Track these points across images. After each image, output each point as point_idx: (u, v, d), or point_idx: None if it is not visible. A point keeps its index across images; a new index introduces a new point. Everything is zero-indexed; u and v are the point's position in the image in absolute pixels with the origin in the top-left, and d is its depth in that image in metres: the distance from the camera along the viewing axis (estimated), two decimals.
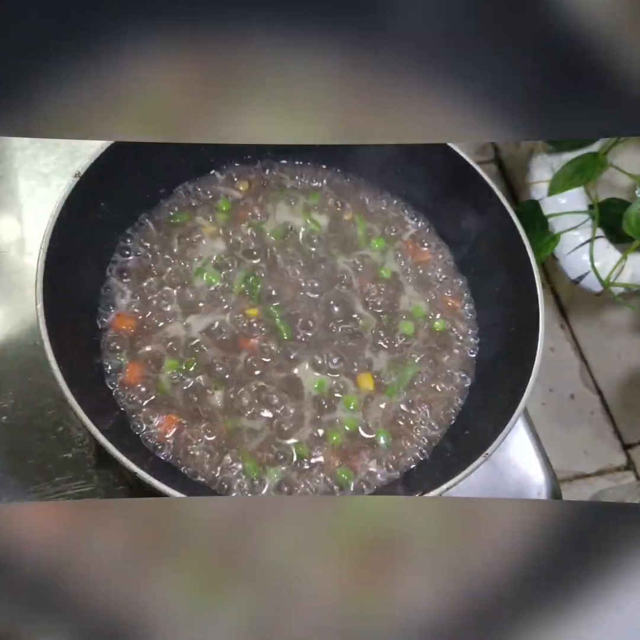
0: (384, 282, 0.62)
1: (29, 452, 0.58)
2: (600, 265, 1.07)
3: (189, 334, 0.57)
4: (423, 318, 0.62)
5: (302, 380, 0.56)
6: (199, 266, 0.60)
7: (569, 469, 1.34)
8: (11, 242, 0.68)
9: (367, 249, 0.64)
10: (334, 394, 0.56)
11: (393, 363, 0.59)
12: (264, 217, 0.64)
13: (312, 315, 0.59)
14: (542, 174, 1.13)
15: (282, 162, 0.67)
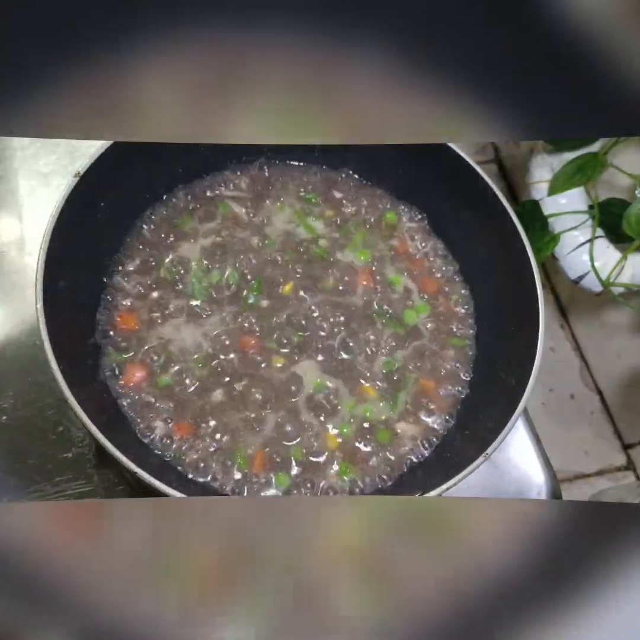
0: (381, 283, 0.62)
1: (29, 452, 0.58)
2: (600, 265, 1.07)
3: (190, 334, 0.57)
4: (423, 316, 0.62)
5: (304, 381, 0.56)
6: (198, 267, 0.60)
7: (569, 469, 1.34)
8: (11, 242, 0.68)
9: (364, 250, 0.64)
10: (333, 396, 0.56)
11: (393, 363, 0.59)
12: (263, 218, 0.64)
13: (309, 317, 0.59)
14: (542, 174, 1.13)
15: (282, 162, 0.67)
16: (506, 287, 0.60)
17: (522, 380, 0.52)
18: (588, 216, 1.09)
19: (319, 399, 0.56)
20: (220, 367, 0.55)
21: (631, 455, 1.37)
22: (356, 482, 0.54)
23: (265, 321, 0.58)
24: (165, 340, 0.56)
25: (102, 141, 0.53)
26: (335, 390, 0.56)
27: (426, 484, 0.48)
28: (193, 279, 0.59)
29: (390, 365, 0.58)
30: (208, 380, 0.55)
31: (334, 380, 0.57)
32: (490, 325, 0.62)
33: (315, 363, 0.57)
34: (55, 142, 0.72)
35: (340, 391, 0.56)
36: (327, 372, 0.57)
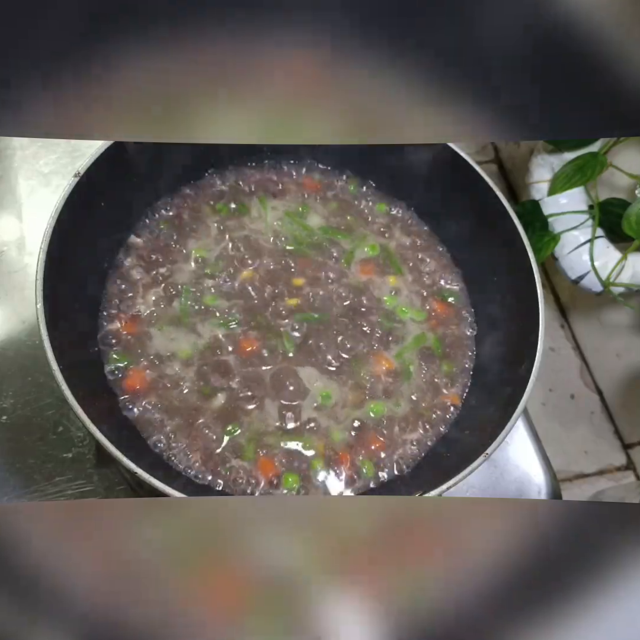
0: (378, 283, 0.62)
1: (29, 452, 0.58)
2: (600, 265, 1.07)
3: (190, 334, 0.57)
4: (422, 317, 0.62)
5: (306, 382, 0.56)
6: (199, 267, 0.60)
7: (569, 469, 1.34)
8: (11, 241, 0.68)
9: (362, 251, 0.64)
10: (331, 398, 0.56)
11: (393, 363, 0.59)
12: (263, 219, 0.64)
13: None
14: (542, 173, 1.13)
15: (282, 162, 0.67)
16: (506, 287, 0.60)
17: (522, 380, 0.52)
18: (588, 216, 1.09)
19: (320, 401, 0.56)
20: (224, 368, 0.55)
21: (631, 455, 1.37)
22: (355, 481, 0.53)
23: (267, 325, 0.58)
24: (166, 341, 0.56)
25: (102, 141, 0.53)
26: (336, 391, 0.56)
27: (426, 484, 0.48)
28: (193, 279, 0.59)
29: (390, 365, 0.58)
30: (210, 380, 0.55)
31: (334, 380, 0.57)
32: (490, 325, 0.62)
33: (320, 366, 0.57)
34: (55, 142, 0.72)
35: (340, 391, 0.56)
36: (326, 373, 0.57)
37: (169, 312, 0.58)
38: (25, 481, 0.57)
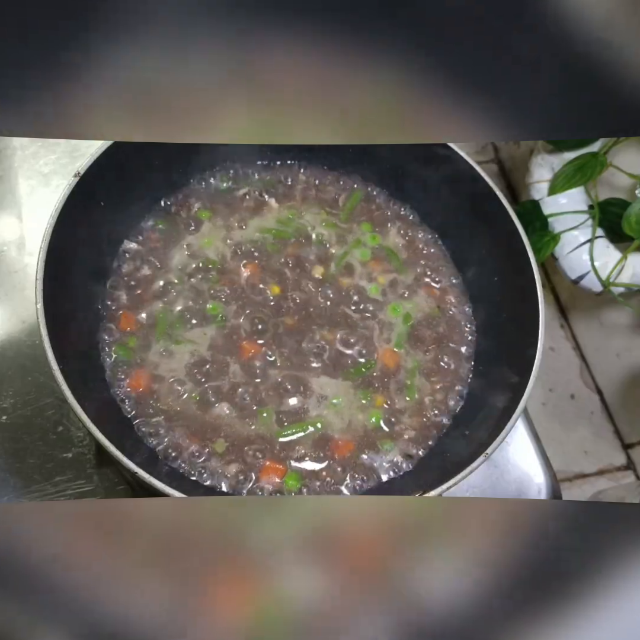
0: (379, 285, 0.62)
1: (29, 451, 0.58)
2: (600, 265, 1.07)
3: (190, 334, 0.57)
4: (422, 316, 0.62)
5: (307, 382, 0.56)
6: (199, 267, 0.60)
7: (569, 469, 1.34)
8: (11, 241, 0.68)
9: (362, 248, 0.64)
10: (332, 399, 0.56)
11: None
12: (263, 219, 0.64)
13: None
14: (542, 173, 1.13)
15: (282, 162, 0.67)
16: (506, 287, 0.60)
17: (522, 381, 0.52)
18: (588, 216, 1.09)
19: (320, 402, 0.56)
20: (225, 369, 0.55)
21: (631, 455, 1.37)
22: (355, 480, 0.54)
23: (267, 325, 0.58)
24: (169, 340, 0.56)
25: (102, 141, 0.53)
26: (335, 391, 0.56)
27: (426, 484, 0.48)
28: (194, 279, 0.59)
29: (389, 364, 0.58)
30: (211, 378, 0.55)
31: (334, 380, 0.57)
32: (490, 325, 0.62)
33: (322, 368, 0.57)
34: (55, 142, 0.72)
35: (340, 391, 0.56)
36: (326, 373, 0.57)
37: (170, 313, 0.58)
38: (25, 481, 0.57)
